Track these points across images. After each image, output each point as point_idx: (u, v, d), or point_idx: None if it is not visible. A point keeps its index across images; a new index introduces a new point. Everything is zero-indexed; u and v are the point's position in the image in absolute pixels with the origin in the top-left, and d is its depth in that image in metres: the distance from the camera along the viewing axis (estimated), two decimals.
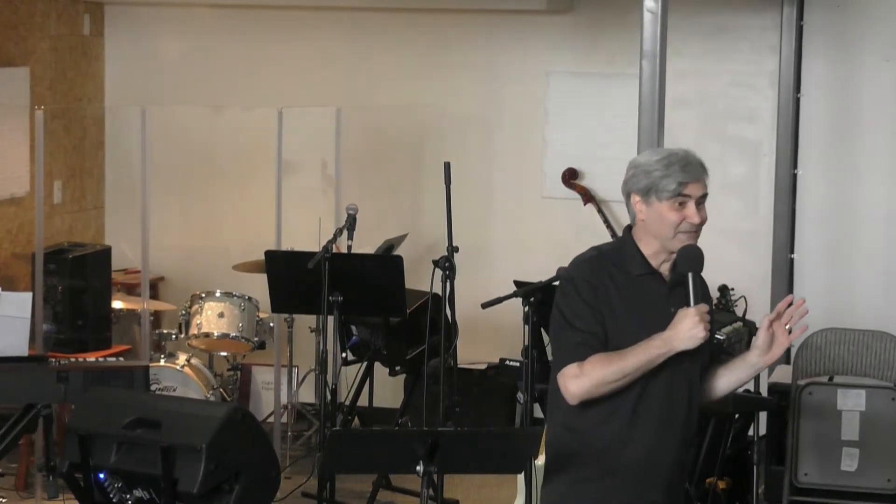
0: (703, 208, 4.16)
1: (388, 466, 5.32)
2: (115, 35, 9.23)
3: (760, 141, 8.26)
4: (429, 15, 8.75)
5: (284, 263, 7.18)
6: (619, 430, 4.17)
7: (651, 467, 4.19)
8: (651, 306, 4.16)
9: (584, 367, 4.12)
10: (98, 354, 7.50)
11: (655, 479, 4.21)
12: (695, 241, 4.16)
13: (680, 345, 4.07)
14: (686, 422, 4.23)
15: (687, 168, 4.12)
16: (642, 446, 4.17)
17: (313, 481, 7.40)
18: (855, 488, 6.95)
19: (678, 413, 4.20)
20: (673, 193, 4.11)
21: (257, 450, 5.17)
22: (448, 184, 6.77)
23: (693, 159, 4.15)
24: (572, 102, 8.55)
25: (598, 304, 4.14)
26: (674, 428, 4.20)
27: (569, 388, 4.15)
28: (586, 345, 4.13)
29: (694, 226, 4.13)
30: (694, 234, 4.15)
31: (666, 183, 4.11)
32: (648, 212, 4.15)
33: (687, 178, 4.11)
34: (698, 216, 4.13)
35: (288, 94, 8.73)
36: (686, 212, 4.12)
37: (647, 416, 4.16)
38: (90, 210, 9.18)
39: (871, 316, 7.81)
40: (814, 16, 8.06)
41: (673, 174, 4.11)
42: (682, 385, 4.18)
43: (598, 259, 4.23)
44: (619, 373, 4.09)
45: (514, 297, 5.62)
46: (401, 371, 7.68)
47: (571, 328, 4.15)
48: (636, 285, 4.17)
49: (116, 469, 5.06)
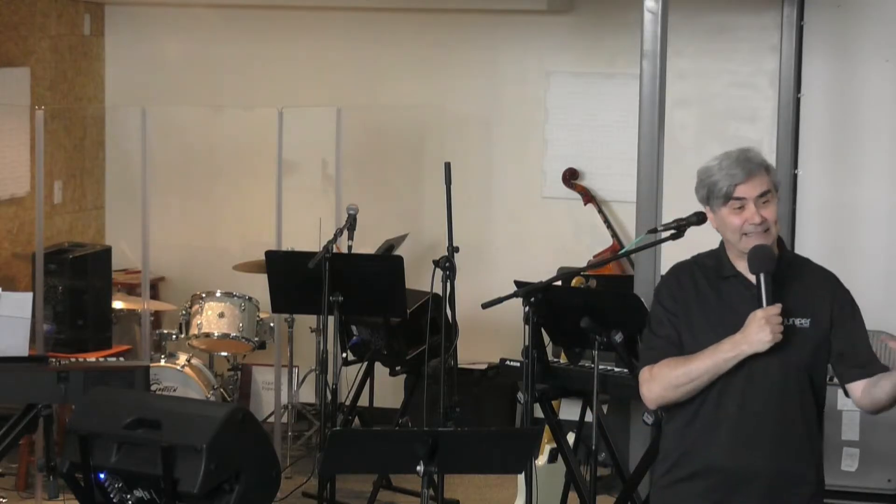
0: (769, 205, 4.07)
1: (389, 466, 5.32)
2: (115, 35, 9.23)
3: (760, 141, 8.25)
4: (429, 15, 8.75)
5: (285, 263, 7.18)
6: (703, 433, 4.11)
7: (740, 472, 4.10)
8: (735, 310, 4.08)
9: (653, 371, 4.11)
10: (98, 354, 7.50)
11: (749, 485, 4.10)
12: (766, 241, 4.06)
13: (749, 348, 3.99)
14: (777, 430, 4.08)
15: (734, 169, 4.05)
16: (725, 450, 4.09)
17: (313, 481, 7.41)
18: (855, 488, 6.95)
19: (762, 420, 4.07)
20: (726, 198, 4.06)
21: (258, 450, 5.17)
22: (448, 184, 6.77)
23: (743, 157, 4.06)
24: (572, 102, 8.55)
25: (677, 310, 4.12)
26: (759, 435, 4.08)
27: (643, 393, 4.15)
28: (660, 349, 4.11)
29: (757, 225, 4.06)
30: (762, 233, 4.06)
31: (718, 189, 4.06)
32: (716, 219, 4.13)
33: (735, 179, 4.04)
34: (758, 215, 4.05)
35: (288, 94, 8.73)
36: (745, 214, 4.05)
37: (723, 421, 4.09)
38: (90, 210, 9.18)
39: (871, 316, 7.74)
40: (814, 16, 8.06)
41: (722, 179, 4.05)
42: (762, 390, 4.06)
43: (687, 265, 4.22)
44: (686, 376, 4.04)
45: (514, 297, 5.61)
46: (401, 371, 7.68)
47: (652, 334, 4.17)
48: (724, 290, 4.12)
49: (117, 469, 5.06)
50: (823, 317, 4.11)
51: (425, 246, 8.29)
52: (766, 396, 4.07)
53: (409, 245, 7.98)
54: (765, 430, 4.09)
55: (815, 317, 4.10)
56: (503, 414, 8.33)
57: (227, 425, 4.99)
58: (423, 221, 8.61)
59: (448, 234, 6.78)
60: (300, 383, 8.46)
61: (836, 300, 4.14)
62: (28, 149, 8.38)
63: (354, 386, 7.74)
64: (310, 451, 8.17)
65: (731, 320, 4.05)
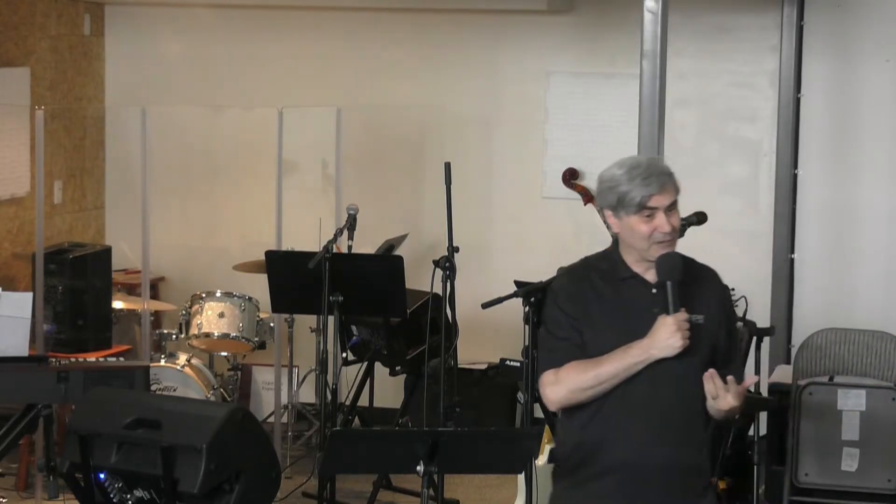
0: (675, 214, 4.15)
1: (389, 466, 5.32)
2: (115, 35, 9.23)
3: (760, 141, 8.26)
4: (429, 15, 8.75)
5: (285, 263, 7.18)
6: (610, 429, 4.17)
7: (643, 470, 4.17)
8: (634, 312, 4.16)
9: (559, 374, 4.16)
10: (98, 354, 7.50)
11: (651, 482, 4.17)
12: (672, 248, 4.16)
13: (659, 353, 4.08)
14: (681, 424, 4.18)
15: (649, 180, 4.11)
16: (636, 445, 4.15)
17: (314, 481, 7.41)
18: (855, 488, 6.95)
19: (668, 415, 4.16)
20: (639, 207, 4.11)
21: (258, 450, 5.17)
22: (448, 184, 6.77)
23: (656, 169, 4.14)
24: (572, 102, 8.55)
25: (576, 313, 4.17)
26: (666, 430, 4.16)
27: (547, 395, 4.20)
28: (563, 351, 4.16)
29: (666, 234, 4.13)
30: (669, 241, 4.15)
31: (631, 197, 4.11)
32: (621, 225, 4.18)
33: (650, 190, 4.10)
34: (668, 224, 4.13)
35: (288, 94, 8.73)
36: (655, 222, 4.12)
37: (631, 417, 4.15)
38: (90, 210, 9.18)
39: (871, 316, 7.80)
40: (814, 16, 8.06)
41: (636, 188, 4.10)
42: (667, 386, 4.13)
43: (581, 268, 4.28)
44: (595, 379, 4.11)
45: (514, 297, 5.61)
46: (401, 371, 7.68)
47: (551, 336, 4.21)
48: (620, 291, 4.18)
49: (117, 469, 5.05)
50: (714, 313, 4.20)
51: (425, 246, 8.29)
52: (671, 391, 4.15)
53: (409, 245, 7.98)
54: (671, 424, 4.16)
55: (707, 313, 4.17)
56: (503, 414, 8.33)
57: (227, 425, 4.99)
58: (423, 221, 8.60)
59: (448, 234, 6.78)
60: (300, 383, 8.46)
61: (724, 298, 4.27)
62: (28, 149, 8.38)
63: (354, 386, 7.74)
64: (310, 451, 8.16)
65: (634, 320, 4.14)
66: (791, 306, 8.16)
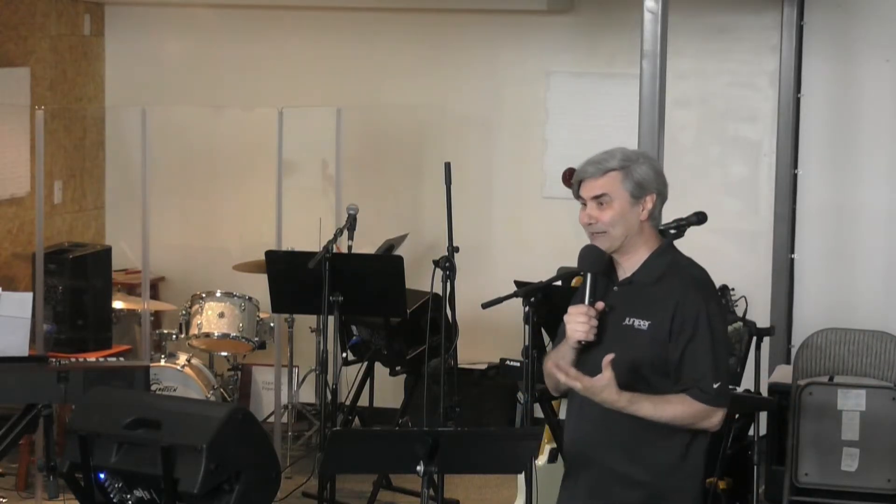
0: (606, 209, 4.12)
1: (389, 466, 5.32)
2: (115, 35, 9.23)
3: (760, 141, 8.26)
4: (429, 15, 8.75)
5: (285, 263, 7.18)
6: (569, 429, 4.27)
7: (576, 465, 4.21)
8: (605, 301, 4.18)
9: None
10: (98, 354, 7.50)
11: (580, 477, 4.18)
12: (603, 242, 4.14)
13: (571, 338, 4.12)
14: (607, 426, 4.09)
15: (586, 166, 4.14)
16: (571, 442, 4.23)
17: (314, 481, 7.41)
18: (855, 488, 6.95)
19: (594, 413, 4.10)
20: (576, 194, 4.17)
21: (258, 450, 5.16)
22: (448, 184, 6.77)
23: (592, 159, 4.14)
24: (572, 102, 8.55)
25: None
26: (593, 428, 4.14)
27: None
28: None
29: (587, 225, 4.16)
30: (596, 234, 4.15)
31: (574, 184, 4.18)
32: None
33: (581, 176, 4.15)
34: (585, 216, 4.15)
35: (288, 94, 8.73)
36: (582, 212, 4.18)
37: (575, 417, 4.22)
38: (90, 210, 9.18)
39: (871, 316, 7.81)
40: (814, 16, 8.07)
41: (577, 173, 4.16)
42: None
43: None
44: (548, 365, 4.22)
45: (514, 297, 5.59)
46: (401, 371, 7.68)
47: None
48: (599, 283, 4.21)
49: (117, 469, 5.05)
50: (663, 325, 4.07)
51: (425, 246, 8.29)
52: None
53: (409, 245, 7.98)
54: (595, 424, 4.13)
55: (654, 321, 4.08)
56: (503, 414, 8.33)
57: (227, 425, 4.98)
58: (423, 221, 8.60)
59: (448, 234, 6.78)
60: (300, 383, 8.46)
61: (677, 314, 4.06)
62: (28, 149, 8.38)
63: (354, 386, 7.74)
64: (310, 451, 8.17)
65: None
66: (791, 306, 8.16)
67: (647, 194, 4.11)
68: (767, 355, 7.33)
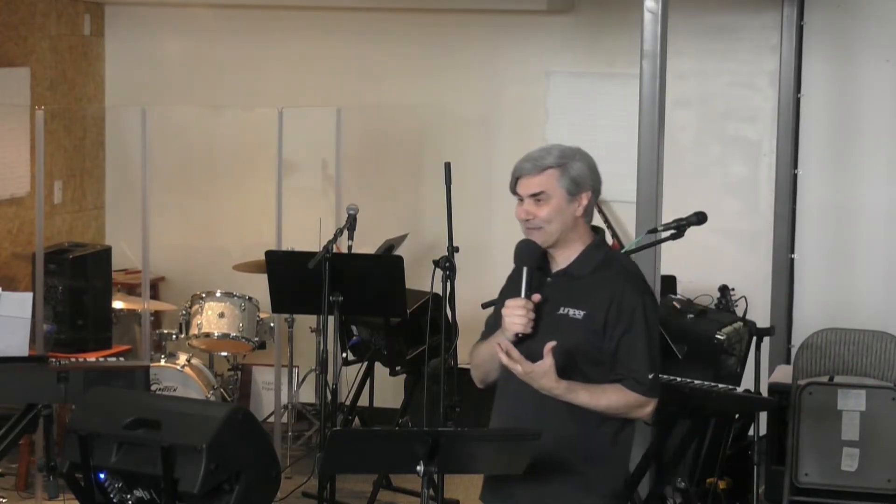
0: (543, 205, 4.16)
1: (389, 466, 5.32)
2: (115, 35, 9.23)
3: (760, 141, 8.25)
4: (429, 15, 8.75)
5: (285, 263, 7.18)
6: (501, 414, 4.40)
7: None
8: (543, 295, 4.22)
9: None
10: (98, 354, 7.50)
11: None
12: (539, 237, 4.18)
13: (507, 331, 4.17)
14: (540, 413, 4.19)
15: (523, 163, 4.19)
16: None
17: (313, 481, 7.41)
18: (855, 488, 6.94)
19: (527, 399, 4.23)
20: (513, 190, 4.21)
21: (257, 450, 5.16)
22: (448, 184, 6.76)
23: (528, 156, 4.20)
24: (572, 102, 8.55)
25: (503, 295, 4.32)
26: (525, 414, 4.26)
27: None
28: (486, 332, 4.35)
29: (524, 221, 4.19)
30: (533, 230, 4.19)
31: (511, 180, 4.23)
32: None
33: (518, 173, 4.19)
34: (522, 212, 4.18)
35: (288, 94, 8.73)
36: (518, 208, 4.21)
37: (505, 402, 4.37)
38: (90, 210, 9.18)
39: (871, 316, 7.80)
40: (814, 16, 8.06)
41: (514, 170, 4.21)
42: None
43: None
44: (479, 356, 4.37)
45: None
46: (401, 371, 7.68)
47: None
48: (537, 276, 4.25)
49: (117, 469, 5.05)
50: (598, 315, 4.15)
51: (425, 246, 8.29)
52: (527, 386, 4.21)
53: (409, 245, 7.98)
54: (528, 411, 4.24)
55: (589, 311, 4.15)
56: None
57: (227, 425, 4.99)
58: (422, 221, 8.60)
59: (448, 234, 6.77)
60: (300, 383, 8.46)
61: (612, 305, 4.15)
62: (28, 149, 8.38)
63: (354, 386, 7.74)
64: (310, 451, 8.17)
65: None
66: (791, 306, 8.16)
67: (582, 191, 4.20)
68: (767, 355, 7.32)
